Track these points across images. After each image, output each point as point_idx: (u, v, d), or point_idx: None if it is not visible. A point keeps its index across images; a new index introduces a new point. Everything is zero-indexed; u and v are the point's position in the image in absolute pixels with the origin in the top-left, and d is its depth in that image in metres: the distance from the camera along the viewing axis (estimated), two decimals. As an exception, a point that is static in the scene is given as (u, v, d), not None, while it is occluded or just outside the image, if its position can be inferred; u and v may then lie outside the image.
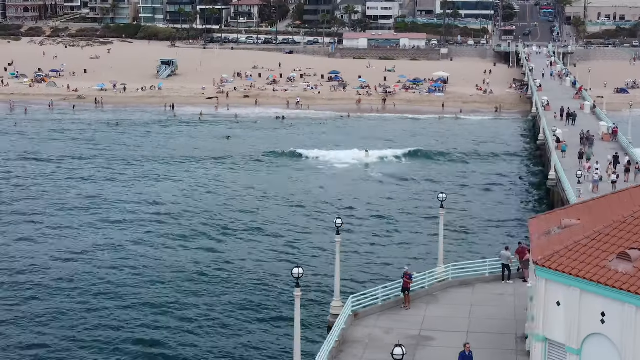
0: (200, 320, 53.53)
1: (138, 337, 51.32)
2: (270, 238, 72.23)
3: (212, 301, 56.80)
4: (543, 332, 31.13)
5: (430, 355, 35.48)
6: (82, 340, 50.75)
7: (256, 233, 73.97)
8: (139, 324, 53.18)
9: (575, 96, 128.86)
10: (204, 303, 56.48)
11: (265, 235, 73.15)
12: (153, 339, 50.76)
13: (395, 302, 40.96)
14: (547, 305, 30.90)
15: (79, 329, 52.53)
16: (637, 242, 29.72)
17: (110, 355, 48.94)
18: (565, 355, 30.46)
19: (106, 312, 55.13)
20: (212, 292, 58.73)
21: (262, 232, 74.23)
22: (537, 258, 31.05)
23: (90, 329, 52.42)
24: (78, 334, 51.75)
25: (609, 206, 33.46)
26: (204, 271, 62.94)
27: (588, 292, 29.29)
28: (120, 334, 51.69)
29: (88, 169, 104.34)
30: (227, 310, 55.21)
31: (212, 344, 50.08)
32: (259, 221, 77.96)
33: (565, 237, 31.93)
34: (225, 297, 57.50)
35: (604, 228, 31.07)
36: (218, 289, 59.16)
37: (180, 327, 52.47)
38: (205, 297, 57.63)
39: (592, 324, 29.41)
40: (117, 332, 51.84)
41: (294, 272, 31.22)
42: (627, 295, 27.99)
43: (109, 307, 55.92)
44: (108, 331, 52.13)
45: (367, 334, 37.49)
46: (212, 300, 56.91)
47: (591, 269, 29.35)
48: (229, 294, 58.05)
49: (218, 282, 60.72)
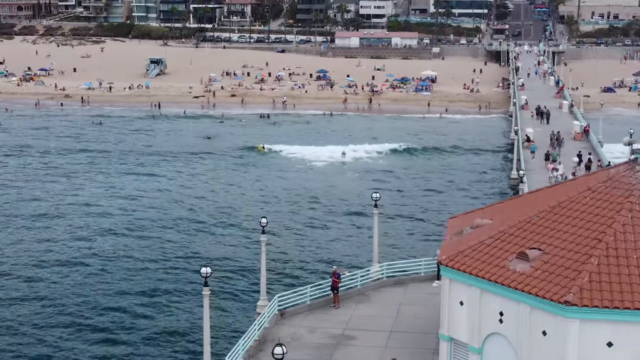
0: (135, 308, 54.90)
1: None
2: (221, 231, 74.37)
3: (153, 289, 58.39)
4: (448, 332, 31.24)
5: (348, 354, 35.58)
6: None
7: (215, 227, 75.68)
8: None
9: (556, 95, 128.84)
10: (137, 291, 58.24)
11: (218, 228, 75.61)
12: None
13: (324, 301, 41.06)
14: (451, 305, 31.01)
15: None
16: (538, 242, 29.82)
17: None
18: (468, 354, 30.57)
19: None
20: (152, 280, 60.52)
21: (218, 225, 76.30)
22: (441, 258, 31.17)
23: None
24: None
25: (521, 206, 33.55)
26: (136, 263, 64.71)
27: (488, 291, 29.40)
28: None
29: (60, 164, 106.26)
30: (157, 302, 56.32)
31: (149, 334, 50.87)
32: (220, 217, 79.50)
33: (473, 237, 32.05)
34: (159, 286, 59.11)
35: (509, 228, 31.18)
36: (155, 275, 61.17)
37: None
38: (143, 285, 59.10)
39: (492, 323, 29.53)
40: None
41: (202, 272, 31.36)
42: (522, 295, 28.08)
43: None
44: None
45: (291, 333, 37.59)
46: (153, 288, 58.56)
47: (491, 269, 29.45)
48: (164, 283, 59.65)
49: (153, 269, 62.96)
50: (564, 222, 30.33)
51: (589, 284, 27.29)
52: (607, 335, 26.92)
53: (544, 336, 27.73)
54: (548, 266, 28.54)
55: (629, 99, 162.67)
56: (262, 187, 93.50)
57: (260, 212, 78.71)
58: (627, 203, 29.89)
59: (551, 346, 27.51)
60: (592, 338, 26.98)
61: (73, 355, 48.70)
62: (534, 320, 27.95)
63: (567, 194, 31.90)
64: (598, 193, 31.13)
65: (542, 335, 27.78)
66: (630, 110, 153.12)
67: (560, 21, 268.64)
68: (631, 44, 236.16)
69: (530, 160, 79.77)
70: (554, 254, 28.97)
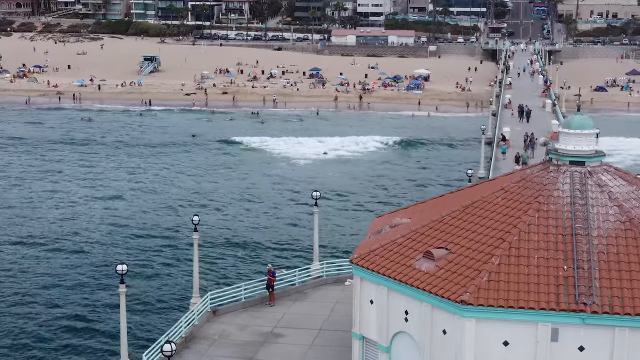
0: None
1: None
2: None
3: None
4: (359, 330, 31.44)
5: (272, 352, 35.80)
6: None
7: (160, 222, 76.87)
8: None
9: (542, 94, 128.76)
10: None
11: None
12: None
13: (260, 299, 41.31)
14: (362, 304, 31.22)
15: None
16: (446, 242, 29.99)
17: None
18: (378, 353, 30.77)
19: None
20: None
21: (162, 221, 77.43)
22: (353, 257, 31.37)
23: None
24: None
25: (440, 206, 33.70)
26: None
27: (394, 290, 29.60)
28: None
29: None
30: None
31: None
32: (165, 212, 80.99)
33: (388, 236, 32.22)
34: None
35: (421, 227, 31.36)
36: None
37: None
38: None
39: (398, 322, 29.73)
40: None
41: (117, 269, 31.60)
42: (424, 294, 28.26)
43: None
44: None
45: (220, 331, 37.85)
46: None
47: (398, 268, 29.63)
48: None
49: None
50: (474, 221, 30.50)
51: (488, 283, 27.46)
52: (503, 335, 27.11)
53: (444, 335, 27.93)
54: (452, 265, 28.72)
55: (620, 98, 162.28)
56: (223, 184, 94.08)
57: (206, 209, 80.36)
58: (535, 203, 30.05)
59: (450, 345, 27.71)
60: (489, 337, 27.17)
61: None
62: (435, 319, 28.16)
63: (482, 194, 32.07)
64: (510, 193, 31.30)
65: (443, 334, 27.98)
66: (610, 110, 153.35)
67: (559, 20, 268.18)
68: (628, 43, 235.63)
69: (501, 160, 79.75)
70: (459, 253, 29.15)
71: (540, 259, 28.07)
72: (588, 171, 31.10)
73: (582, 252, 28.02)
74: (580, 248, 28.12)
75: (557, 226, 29.14)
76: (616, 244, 28.36)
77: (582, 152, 31.43)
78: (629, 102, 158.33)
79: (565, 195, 30.23)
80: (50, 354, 48.24)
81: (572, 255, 28.00)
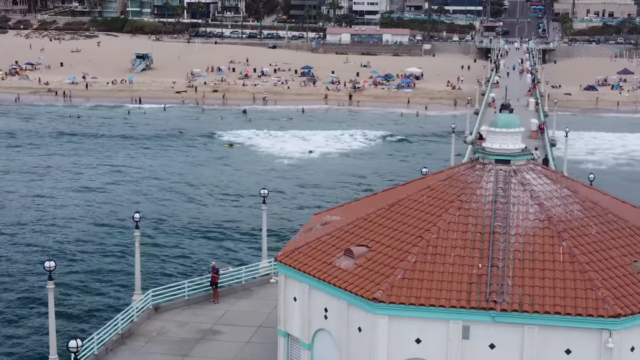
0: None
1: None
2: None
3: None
4: (284, 328, 31.54)
5: (206, 349, 35.92)
6: None
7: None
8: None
9: (527, 93, 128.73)
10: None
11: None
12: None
13: (204, 296, 41.43)
14: (286, 301, 31.32)
15: None
16: (368, 239, 30.04)
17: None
18: (301, 350, 30.89)
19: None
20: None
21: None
22: (278, 254, 31.49)
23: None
24: None
25: (371, 203, 33.74)
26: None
27: (315, 288, 29.68)
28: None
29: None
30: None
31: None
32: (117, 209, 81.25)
33: (315, 234, 32.32)
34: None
35: (346, 225, 31.45)
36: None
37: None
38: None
39: (319, 319, 29.82)
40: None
41: (45, 266, 31.70)
42: (341, 292, 28.32)
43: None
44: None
45: (159, 328, 37.98)
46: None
47: (319, 266, 29.70)
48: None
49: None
50: (398, 220, 30.57)
51: (402, 281, 27.53)
52: (416, 332, 27.19)
53: (360, 332, 28.01)
54: (370, 263, 28.79)
55: (609, 97, 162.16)
56: (191, 181, 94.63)
57: (166, 205, 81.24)
58: (457, 201, 30.13)
59: (365, 342, 27.79)
60: (401, 334, 27.24)
61: None
62: (351, 317, 28.23)
63: (408, 192, 32.15)
64: (435, 191, 31.36)
65: (358, 332, 28.07)
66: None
67: (555, 19, 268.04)
68: (623, 42, 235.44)
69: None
70: (378, 251, 29.22)
71: (456, 257, 28.13)
72: (513, 170, 31.15)
73: (498, 250, 28.08)
74: (496, 246, 28.18)
75: (476, 224, 29.19)
76: (533, 242, 28.41)
77: (508, 150, 31.49)
78: (618, 101, 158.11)
79: (488, 193, 30.30)
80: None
81: (488, 254, 28.04)
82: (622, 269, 27.86)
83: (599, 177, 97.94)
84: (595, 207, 30.52)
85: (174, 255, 66.05)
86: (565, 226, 29.00)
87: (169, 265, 63.28)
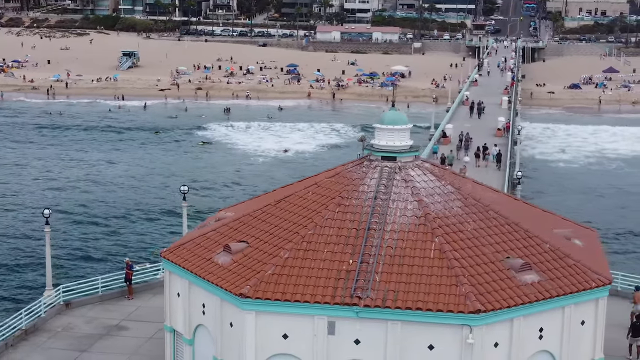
0: None
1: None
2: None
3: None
4: (170, 323, 31.66)
5: (107, 345, 35.98)
6: None
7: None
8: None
9: (504, 91, 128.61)
10: None
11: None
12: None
13: (119, 292, 41.54)
14: (171, 297, 31.45)
15: None
16: (249, 236, 30.13)
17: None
18: (184, 345, 31.02)
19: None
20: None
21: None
22: (163, 250, 31.64)
23: None
24: None
25: (264, 200, 33.83)
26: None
27: (194, 284, 29.82)
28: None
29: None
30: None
31: None
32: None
33: (204, 230, 32.44)
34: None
35: (231, 222, 31.57)
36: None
37: None
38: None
39: (198, 315, 29.95)
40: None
41: None
42: (215, 288, 28.40)
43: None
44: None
45: (66, 324, 38.08)
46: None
47: (199, 262, 29.81)
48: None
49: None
50: (281, 216, 30.68)
51: (271, 276, 27.61)
52: (283, 328, 27.28)
53: (231, 328, 28.13)
54: (246, 259, 28.89)
55: (593, 95, 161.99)
56: (142, 178, 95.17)
57: (104, 200, 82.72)
58: (337, 197, 30.21)
59: (236, 338, 27.91)
60: (268, 330, 27.35)
61: None
62: (224, 313, 28.35)
63: (295, 188, 32.26)
64: (321, 188, 31.46)
65: (230, 327, 28.18)
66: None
67: (547, 17, 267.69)
68: (614, 41, 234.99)
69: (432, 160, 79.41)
70: (255, 247, 29.33)
71: (328, 253, 28.21)
72: (398, 166, 31.23)
73: (371, 246, 28.15)
74: (369, 242, 28.26)
75: (354, 221, 29.28)
76: (406, 238, 28.49)
77: (394, 147, 31.56)
78: (600, 100, 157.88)
79: (370, 190, 30.38)
80: None
81: (360, 250, 28.11)
82: (493, 265, 27.95)
83: (569, 175, 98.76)
84: (477, 204, 30.58)
85: (96, 251, 66.57)
86: (441, 222, 29.08)
87: (86, 262, 63.80)
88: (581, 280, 28.44)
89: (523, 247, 29.18)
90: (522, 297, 26.91)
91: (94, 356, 34.97)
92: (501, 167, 74.02)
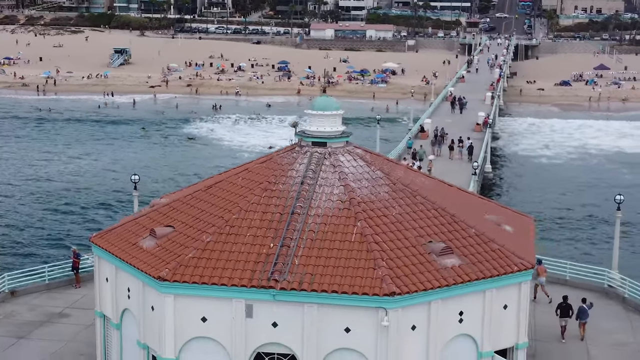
0: None
1: None
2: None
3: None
4: (100, 308, 31.66)
5: (45, 332, 35.97)
6: None
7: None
8: None
9: (490, 87, 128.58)
10: None
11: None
12: None
13: (67, 281, 41.59)
14: (100, 282, 31.45)
15: None
16: (177, 220, 30.13)
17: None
18: (112, 330, 31.03)
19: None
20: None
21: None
22: (92, 235, 31.65)
23: None
24: None
25: (197, 187, 33.79)
26: None
27: (120, 269, 29.83)
28: None
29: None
30: None
31: None
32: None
33: (135, 215, 32.46)
34: None
35: (161, 207, 31.59)
36: None
37: None
38: None
39: (124, 299, 29.96)
40: None
41: None
42: (137, 272, 28.38)
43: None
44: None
45: (10, 312, 38.12)
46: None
47: (125, 247, 29.80)
48: None
49: None
50: (209, 201, 30.69)
51: (190, 260, 27.59)
52: (202, 311, 27.28)
53: (153, 311, 28.12)
54: (169, 244, 28.89)
55: (583, 92, 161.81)
56: (110, 173, 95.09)
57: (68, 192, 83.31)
58: (265, 182, 30.20)
59: (156, 321, 27.90)
60: (188, 313, 27.35)
61: None
62: (146, 296, 28.35)
63: (227, 174, 32.25)
64: (251, 174, 31.47)
65: (152, 310, 28.18)
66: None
67: (541, 14, 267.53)
68: (608, 39, 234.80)
69: (406, 155, 79.35)
70: (180, 231, 29.33)
71: (250, 237, 28.19)
72: (328, 152, 31.21)
73: (293, 230, 28.14)
74: (292, 227, 28.24)
75: (279, 205, 29.27)
76: (329, 222, 28.47)
77: (324, 133, 31.55)
78: (590, 97, 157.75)
79: (298, 175, 30.36)
80: None
81: (282, 234, 28.09)
82: (414, 249, 27.91)
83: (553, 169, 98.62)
84: (405, 189, 30.54)
85: (47, 241, 66.77)
86: (366, 207, 29.04)
87: (36, 249, 64.00)
88: (503, 265, 28.40)
89: (447, 231, 29.15)
90: (440, 280, 26.87)
91: (32, 343, 34.99)
92: (472, 159, 74.01)
